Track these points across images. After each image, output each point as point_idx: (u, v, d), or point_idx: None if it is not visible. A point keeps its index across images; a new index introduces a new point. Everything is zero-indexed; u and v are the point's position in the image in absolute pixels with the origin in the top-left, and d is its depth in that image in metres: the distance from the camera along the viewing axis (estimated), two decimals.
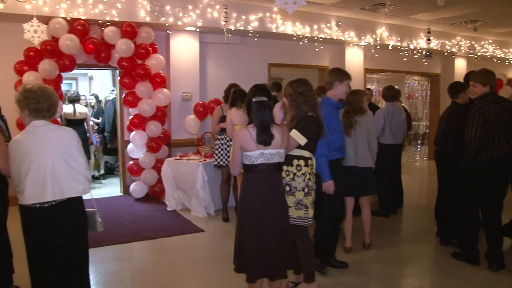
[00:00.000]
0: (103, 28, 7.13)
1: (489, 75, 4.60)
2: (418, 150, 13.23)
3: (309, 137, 3.68)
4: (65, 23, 6.72)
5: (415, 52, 10.93)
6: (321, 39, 9.39)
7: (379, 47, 10.37)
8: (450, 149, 5.03)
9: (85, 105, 9.34)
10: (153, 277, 4.48)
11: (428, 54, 10.16)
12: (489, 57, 12.47)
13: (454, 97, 5.21)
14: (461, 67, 12.44)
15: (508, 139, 4.45)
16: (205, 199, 6.58)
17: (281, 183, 3.43)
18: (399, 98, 7.20)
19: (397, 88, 6.87)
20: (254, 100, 3.20)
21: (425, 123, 13.30)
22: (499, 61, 12.93)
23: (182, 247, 5.37)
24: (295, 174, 3.67)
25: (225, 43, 8.10)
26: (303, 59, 9.92)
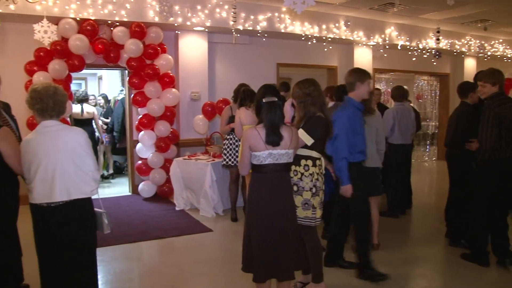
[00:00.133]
0: (112, 28, 7.16)
1: (498, 74, 4.57)
2: (427, 150, 13.17)
3: (317, 137, 3.67)
4: (75, 24, 6.76)
5: (424, 52, 10.86)
6: (329, 39, 9.36)
7: (388, 47, 10.32)
8: (460, 150, 4.99)
9: (94, 105, 9.40)
10: (161, 276, 4.49)
11: (437, 54, 10.11)
12: (499, 56, 12.37)
13: (463, 97, 5.17)
14: (470, 67, 12.36)
15: None
16: (213, 199, 6.59)
17: (289, 183, 3.42)
18: (408, 98, 7.17)
19: (405, 88, 6.85)
20: (264, 100, 3.20)
21: (434, 123, 13.23)
22: (509, 60, 12.82)
23: (190, 246, 5.39)
24: (303, 174, 3.67)
25: (234, 43, 8.10)
26: (311, 59, 9.91)
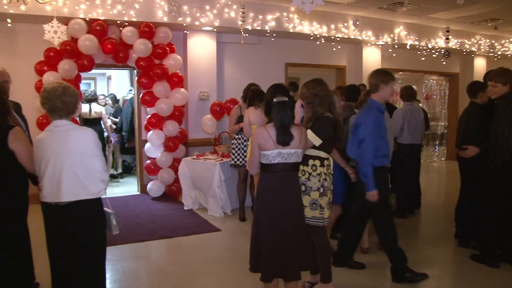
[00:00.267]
0: (121, 28, 7.19)
1: (509, 73, 4.53)
2: (436, 150, 13.09)
3: (325, 138, 3.66)
4: (84, 24, 6.80)
5: (434, 51, 10.80)
6: (338, 39, 9.34)
7: (396, 46, 10.27)
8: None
9: (104, 105, 9.45)
10: (169, 275, 4.51)
11: (446, 53, 10.06)
12: (510, 56, 12.27)
13: (472, 97, 5.13)
14: (480, 66, 12.27)
15: None
16: (221, 199, 6.60)
17: (298, 183, 3.42)
18: (416, 98, 7.14)
19: (414, 88, 6.82)
20: (275, 100, 3.20)
21: (443, 123, 13.15)
22: None
23: (198, 246, 5.40)
24: (311, 174, 3.67)
25: (242, 43, 8.10)
26: (320, 59, 9.89)
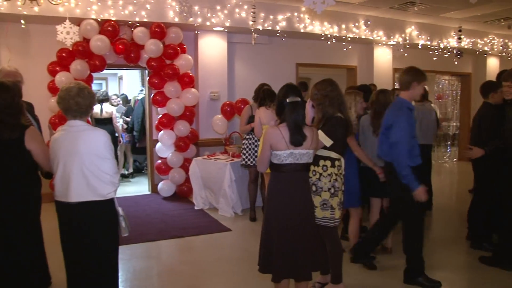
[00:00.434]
0: (132, 29, 7.23)
1: None
2: (448, 151, 12.99)
3: (335, 138, 3.66)
4: (96, 25, 6.85)
5: (446, 51, 10.72)
6: (349, 39, 9.31)
7: (408, 46, 10.22)
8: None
9: (116, 105, 9.51)
10: (180, 275, 4.52)
11: (459, 53, 9.97)
12: None
13: (485, 97, 5.09)
14: (493, 66, 12.14)
15: None
16: (232, 199, 6.61)
17: (308, 183, 3.42)
18: (428, 98, 7.09)
19: (426, 88, 6.77)
20: (288, 100, 3.20)
21: (455, 123, 13.05)
22: None
23: (209, 246, 5.41)
24: (321, 174, 3.66)
25: (253, 43, 8.09)
26: (331, 59, 9.86)
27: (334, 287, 3.85)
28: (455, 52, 10.20)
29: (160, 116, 7.71)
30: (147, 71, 7.88)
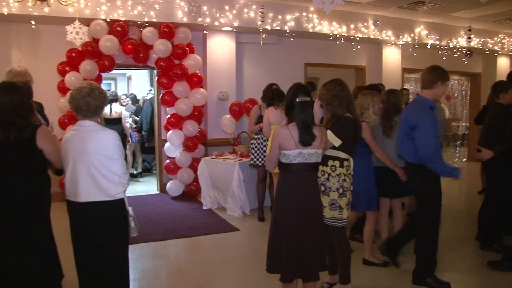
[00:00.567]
0: (141, 29, 7.26)
1: None
2: (457, 151, 12.91)
3: (344, 138, 3.65)
4: (105, 25, 6.88)
5: (455, 51, 10.65)
6: (358, 39, 9.28)
7: (417, 46, 10.16)
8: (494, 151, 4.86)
9: (125, 105, 9.55)
10: (188, 274, 4.54)
11: (468, 52, 9.90)
12: None
13: (495, 97, 5.06)
14: (503, 66, 12.04)
15: None
16: (240, 198, 6.62)
17: (317, 183, 3.42)
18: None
19: None
20: (298, 100, 3.20)
21: (464, 123, 12.98)
22: None
23: (217, 245, 5.42)
24: (330, 174, 3.66)
25: (262, 43, 8.09)
26: (339, 58, 9.84)
27: (342, 287, 3.84)
28: (464, 51, 10.13)
29: (168, 116, 7.74)
30: (155, 71, 7.90)
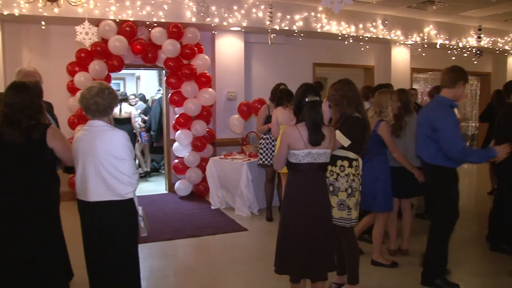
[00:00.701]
0: (150, 29, 7.28)
1: None
2: None
3: (353, 138, 3.64)
4: (114, 25, 6.91)
5: (465, 50, 10.58)
6: (366, 39, 9.25)
7: (426, 45, 10.10)
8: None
9: (134, 105, 9.59)
10: (196, 274, 4.55)
11: (478, 52, 9.84)
12: None
13: (507, 97, 5.02)
14: None
15: None
16: (249, 198, 6.62)
17: (325, 183, 3.41)
18: None
19: None
20: (307, 100, 3.20)
21: (474, 124, 12.88)
22: None
23: (225, 245, 5.43)
24: (339, 174, 3.65)
25: (270, 43, 8.09)
26: (348, 58, 9.81)
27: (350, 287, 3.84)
28: (474, 51, 10.06)
29: (177, 115, 7.76)
30: (164, 71, 7.93)
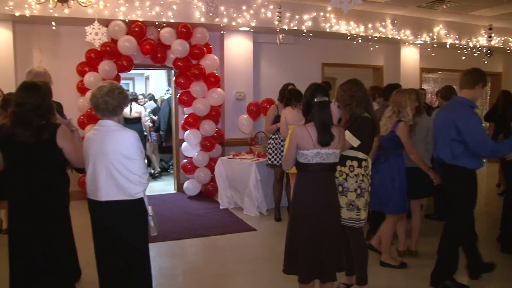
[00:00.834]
0: (159, 29, 7.31)
1: None
2: None
3: (363, 139, 3.63)
4: (124, 25, 6.95)
5: (475, 50, 10.50)
6: (375, 38, 9.21)
7: (436, 45, 10.04)
8: None
9: (143, 104, 9.64)
10: (204, 274, 4.56)
11: (489, 52, 9.76)
12: None
13: None
14: None
15: None
16: (257, 198, 6.62)
17: (334, 183, 3.41)
18: None
19: (454, 87, 6.66)
20: (316, 100, 3.20)
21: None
22: None
23: (234, 245, 5.43)
24: (348, 174, 3.64)
25: (279, 43, 8.08)
26: (357, 58, 9.78)
27: None
28: (485, 51, 9.98)
29: (186, 115, 7.78)
30: (173, 71, 7.95)
